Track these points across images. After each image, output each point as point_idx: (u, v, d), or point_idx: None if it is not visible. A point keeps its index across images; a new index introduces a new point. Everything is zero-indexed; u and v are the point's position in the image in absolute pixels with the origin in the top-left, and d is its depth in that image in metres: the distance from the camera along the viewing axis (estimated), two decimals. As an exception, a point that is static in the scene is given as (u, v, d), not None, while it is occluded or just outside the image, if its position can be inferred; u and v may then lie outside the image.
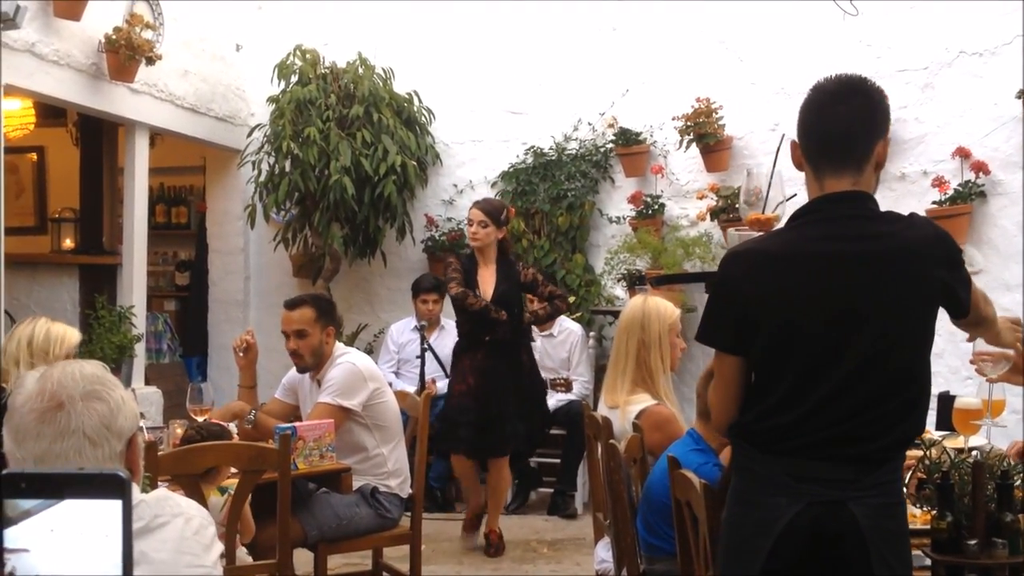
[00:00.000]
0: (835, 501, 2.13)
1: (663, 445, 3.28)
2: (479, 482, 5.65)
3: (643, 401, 3.62)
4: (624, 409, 3.60)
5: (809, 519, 2.14)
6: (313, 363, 4.26)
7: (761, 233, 2.78)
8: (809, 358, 2.18)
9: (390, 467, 4.25)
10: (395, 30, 7.46)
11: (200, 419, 3.98)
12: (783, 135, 2.36)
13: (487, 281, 5.45)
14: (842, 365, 2.15)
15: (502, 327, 5.38)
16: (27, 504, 0.97)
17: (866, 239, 2.18)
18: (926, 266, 2.17)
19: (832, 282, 2.18)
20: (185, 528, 1.79)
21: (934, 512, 2.41)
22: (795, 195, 2.83)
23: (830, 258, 2.19)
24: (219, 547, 1.86)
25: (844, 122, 2.22)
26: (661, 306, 3.70)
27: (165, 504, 1.80)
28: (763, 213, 3.01)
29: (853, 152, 2.22)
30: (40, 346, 3.52)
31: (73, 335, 3.63)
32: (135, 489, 1.80)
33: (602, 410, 3.75)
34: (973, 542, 2.32)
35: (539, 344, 6.53)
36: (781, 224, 2.69)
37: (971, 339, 2.93)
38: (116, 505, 0.97)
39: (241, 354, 4.37)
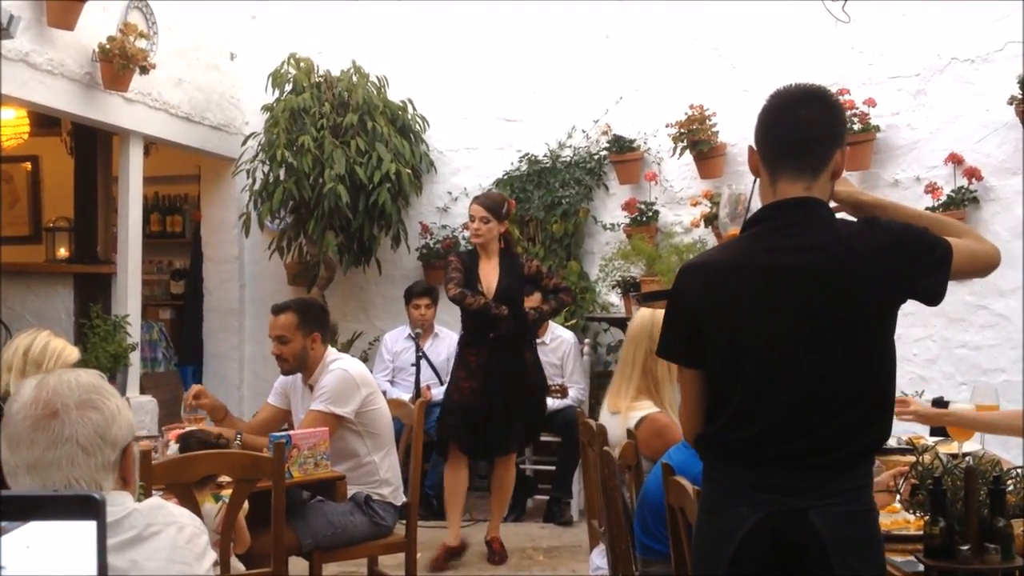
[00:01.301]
0: (796, 510, 2.11)
1: (662, 451, 3.30)
2: (463, 504, 5.58)
3: (645, 408, 3.64)
4: (625, 415, 3.63)
5: (770, 528, 2.12)
6: (296, 368, 4.26)
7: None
8: (761, 371, 2.16)
9: (382, 475, 4.24)
10: (389, 38, 7.48)
11: (195, 427, 3.99)
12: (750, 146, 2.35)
13: (490, 276, 5.34)
14: (798, 377, 2.13)
15: (505, 323, 5.29)
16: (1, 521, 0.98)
17: (816, 249, 2.15)
18: (879, 275, 2.13)
19: (782, 295, 2.16)
20: (178, 537, 1.79)
21: (927, 518, 2.42)
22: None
23: (781, 270, 2.17)
24: (212, 556, 1.86)
25: (806, 126, 2.21)
26: (670, 318, 3.71)
27: (158, 513, 1.80)
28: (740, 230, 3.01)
29: (812, 156, 2.20)
30: (35, 357, 3.51)
31: (72, 353, 3.59)
32: (128, 498, 1.81)
33: (604, 416, 3.77)
34: (966, 547, 2.32)
35: (531, 350, 6.53)
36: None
37: None
38: (91, 526, 0.98)
39: (194, 403, 4.31)
